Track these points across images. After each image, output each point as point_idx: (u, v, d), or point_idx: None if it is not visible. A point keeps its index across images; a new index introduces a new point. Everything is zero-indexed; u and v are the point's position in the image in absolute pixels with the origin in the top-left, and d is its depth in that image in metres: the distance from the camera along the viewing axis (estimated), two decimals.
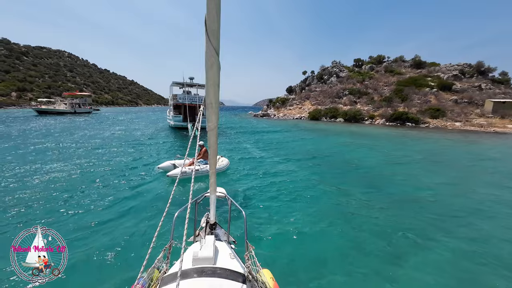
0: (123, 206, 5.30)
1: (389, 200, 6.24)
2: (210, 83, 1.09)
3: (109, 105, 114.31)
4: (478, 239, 4.42)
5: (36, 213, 4.82)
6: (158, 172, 7.71)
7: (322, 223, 4.84)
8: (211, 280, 1.35)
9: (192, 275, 1.37)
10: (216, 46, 0.94)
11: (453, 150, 14.38)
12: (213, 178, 1.78)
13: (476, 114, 31.39)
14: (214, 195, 1.99)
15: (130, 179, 7.17)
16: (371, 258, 3.76)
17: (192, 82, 24.64)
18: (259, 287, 1.41)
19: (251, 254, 1.65)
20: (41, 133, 16.71)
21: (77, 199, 5.59)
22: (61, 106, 43.68)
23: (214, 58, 0.97)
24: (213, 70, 1.02)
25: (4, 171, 7.42)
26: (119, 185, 6.64)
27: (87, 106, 51.74)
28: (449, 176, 8.63)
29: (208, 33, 0.89)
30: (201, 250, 1.57)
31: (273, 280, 1.54)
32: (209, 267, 1.46)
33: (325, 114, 40.78)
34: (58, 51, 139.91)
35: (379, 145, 15.38)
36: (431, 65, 48.13)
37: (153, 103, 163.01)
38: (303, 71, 63.15)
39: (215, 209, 2.13)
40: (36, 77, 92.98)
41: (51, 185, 6.39)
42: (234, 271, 1.46)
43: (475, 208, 5.83)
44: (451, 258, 3.82)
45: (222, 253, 1.69)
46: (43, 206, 5.14)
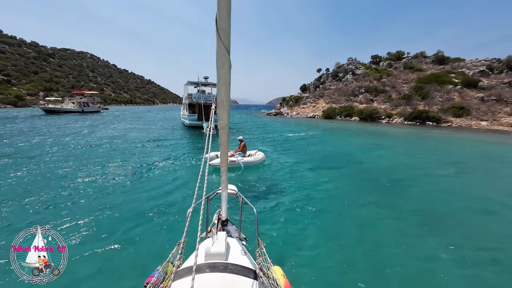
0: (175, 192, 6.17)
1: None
2: (221, 82, 1.10)
3: (128, 104, 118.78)
4: None
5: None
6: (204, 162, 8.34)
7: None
8: (223, 275, 1.38)
9: (205, 270, 1.40)
10: (227, 45, 0.94)
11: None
12: (225, 175, 1.80)
13: (505, 113, 29.29)
14: (226, 192, 2.00)
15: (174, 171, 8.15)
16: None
17: (207, 82, 25.04)
18: (270, 283, 1.41)
19: (262, 251, 1.67)
20: (67, 133, 17.66)
21: (134, 192, 6.15)
22: (69, 105, 42.78)
23: (225, 56, 0.98)
24: (224, 68, 1.03)
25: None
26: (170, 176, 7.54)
27: (95, 105, 49.76)
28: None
29: (219, 32, 0.89)
30: (213, 246, 1.60)
31: (284, 277, 1.53)
32: (221, 262, 1.49)
33: (339, 112, 39.85)
34: (81, 53, 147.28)
35: (404, 147, 14.52)
36: (455, 61, 45.39)
37: (169, 102, 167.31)
38: (317, 69, 62.08)
39: (226, 206, 2.16)
40: (61, 78, 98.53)
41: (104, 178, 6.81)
42: (245, 267, 1.48)
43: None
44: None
45: (233, 249, 1.71)
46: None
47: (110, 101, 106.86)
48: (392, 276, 3.41)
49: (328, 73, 57.55)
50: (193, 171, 8.30)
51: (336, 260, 3.71)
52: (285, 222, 4.82)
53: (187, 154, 10.88)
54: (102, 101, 79.42)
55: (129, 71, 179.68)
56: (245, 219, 4.44)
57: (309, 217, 5.09)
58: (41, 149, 10.82)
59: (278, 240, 4.18)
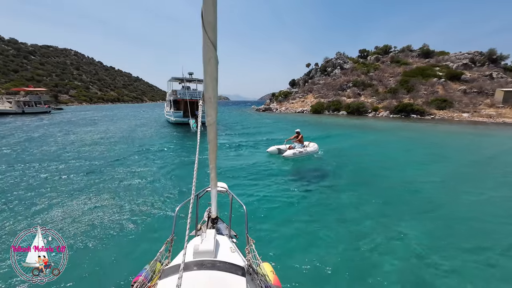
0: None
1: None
2: (209, 77, 1.07)
3: (115, 102, 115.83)
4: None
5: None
6: (267, 155, 10.02)
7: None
8: (211, 273, 1.37)
9: (192, 268, 1.39)
10: (213, 40, 0.92)
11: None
12: (214, 172, 1.77)
13: (485, 105, 30.07)
14: (215, 189, 1.99)
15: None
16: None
17: (192, 77, 24.49)
18: (259, 280, 1.44)
19: (252, 248, 1.70)
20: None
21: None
22: (5, 105, 34.83)
23: (212, 52, 0.95)
24: (211, 64, 1.01)
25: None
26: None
27: (43, 104, 40.34)
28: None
29: (205, 26, 0.86)
30: (202, 244, 1.60)
31: (273, 274, 1.57)
32: (209, 260, 1.48)
33: (327, 107, 39.98)
34: (65, 50, 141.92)
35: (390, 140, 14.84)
36: (440, 54, 46.17)
37: (158, 99, 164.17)
38: (306, 64, 61.97)
39: (216, 204, 2.15)
40: (44, 76, 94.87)
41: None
42: (234, 264, 1.47)
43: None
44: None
45: (223, 246, 1.71)
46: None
47: (97, 100, 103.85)
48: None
49: (317, 68, 57.52)
50: (182, 170, 8.20)
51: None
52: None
53: (175, 153, 10.64)
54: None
55: (116, 68, 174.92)
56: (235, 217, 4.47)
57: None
58: None
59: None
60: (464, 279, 3.23)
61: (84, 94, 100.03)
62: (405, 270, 3.39)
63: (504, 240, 4.12)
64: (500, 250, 3.83)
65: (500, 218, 4.88)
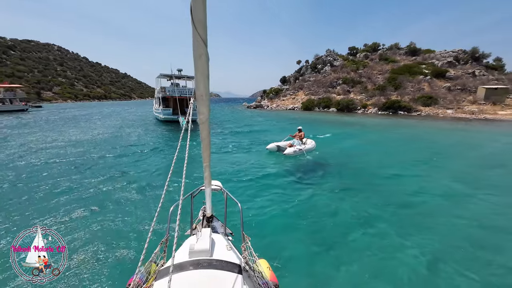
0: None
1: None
2: (200, 75, 1.06)
3: (102, 99, 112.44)
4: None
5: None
6: (267, 153, 10.13)
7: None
8: (207, 272, 1.36)
9: (188, 268, 1.38)
10: (203, 36, 0.90)
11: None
12: (208, 171, 1.76)
13: (468, 101, 31.19)
14: (210, 188, 1.99)
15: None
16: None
17: (181, 74, 24.07)
18: (255, 277, 1.44)
19: (248, 245, 1.71)
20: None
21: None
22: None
23: (202, 48, 0.94)
24: (202, 60, 0.99)
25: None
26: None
27: (18, 102, 37.78)
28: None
29: (195, 22, 0.85)
30: (197, 243, 1.59)
31: (270, 270, 1.59)
32: (205, 259, 1.47)
33: (318, 104, 40.35)
34: (47, 45, 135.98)
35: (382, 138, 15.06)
36: (426, 52, 47.31)
37: (147, 96, 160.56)
38: (297, 61, 62.06)
39: (211, 202, 2.15)
40: (25, 72, 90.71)
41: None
42: (230, 262, 1.47)
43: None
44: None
45: (218, 245, 1.71)
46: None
47: (82, 97, 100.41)
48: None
49: (307, 65, 57.76)
50: (175, 169, 7.96)
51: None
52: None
53: (166, 152, 10.42)
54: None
55: (102, 64, 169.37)
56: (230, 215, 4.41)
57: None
58: None
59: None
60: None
61: (69, 91, 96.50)
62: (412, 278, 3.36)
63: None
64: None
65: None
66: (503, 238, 4.16)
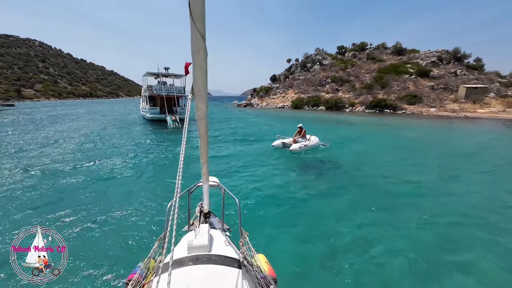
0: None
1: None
2: (198, 69, 1.05)
3: (87, 97, 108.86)
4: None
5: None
6: (273, 149, 10.32)
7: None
8: (206, 267, 1.37)
9: (187, 263, 1.39)
10: (202, 31, 0.90)
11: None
12: (205, 167, 1.76)
13: (450, 100, 32.38)
14: (207, 184, 1.99)
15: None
16: None
17: (168, 72, 23.60)
18: (254, 271, 1.46)
19: (246, 240, 1.73)
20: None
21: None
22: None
23: (201, 43, 0.93)
24: (200, 55, 0.98)
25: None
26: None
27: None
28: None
29: (193, 17, 0.84)
30: (195, 239, 1.59)
31: (268, 264, 1.62)
32: (204, 254, 1.48)
33: (307, 102, 40.73)
34: (28, 40, 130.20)
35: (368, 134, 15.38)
36: (411, 52, 48.67)
37: (135, 94, 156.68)
38: (287, 59, 62.25)
39: (208, 198, 2.15)
40: (4, 69, 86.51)
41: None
42: (229, 257, 1.48)
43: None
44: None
45: (216, 240, 1.71)
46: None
47: (66, 95, 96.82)
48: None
49: (297, 64, 58.13)
50: (171, 166, 8.11)
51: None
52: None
53: (159, 150, 10.29)
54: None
55: (87, 61, 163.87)
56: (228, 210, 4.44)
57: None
58: None
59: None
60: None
61: (52, 89, 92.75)
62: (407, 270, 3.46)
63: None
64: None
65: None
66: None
